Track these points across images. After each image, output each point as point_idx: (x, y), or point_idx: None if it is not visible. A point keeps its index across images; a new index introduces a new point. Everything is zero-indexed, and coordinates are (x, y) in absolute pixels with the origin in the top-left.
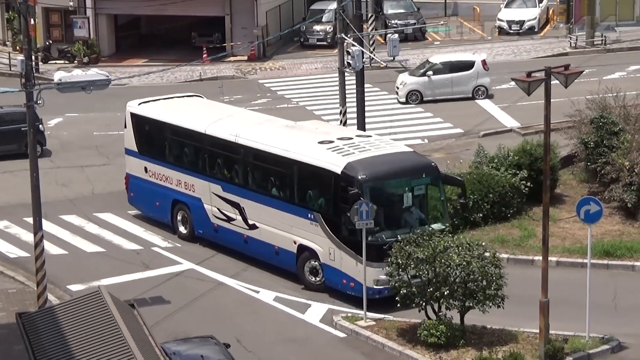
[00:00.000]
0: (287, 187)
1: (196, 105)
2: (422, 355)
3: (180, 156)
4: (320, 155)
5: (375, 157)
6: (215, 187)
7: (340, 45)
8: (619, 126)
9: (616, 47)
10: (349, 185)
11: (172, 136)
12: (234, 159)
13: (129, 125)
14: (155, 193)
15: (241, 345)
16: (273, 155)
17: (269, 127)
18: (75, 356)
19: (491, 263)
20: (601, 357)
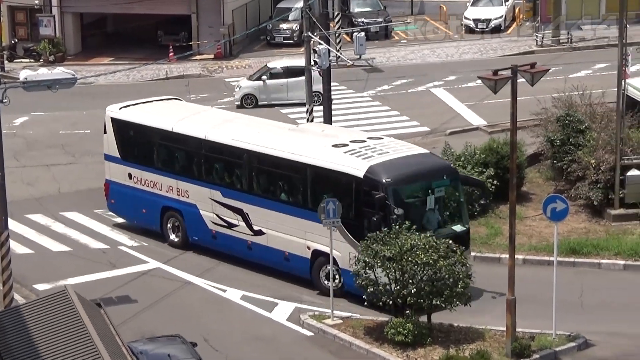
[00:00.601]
0: (300, 192)
1: (181, 109)
2: (389, 354)
3: (171, 162)
4: (338, 159)
5: (396, 160)
6: (213, 192)
7: (307, 43)
8: (585, 124)
9: (582, 46)
10: (372, 189)
11: (162, 141)
12: (236, 163)
13: (110, 131)
14: (142, 200)
15: (208, 344)
16: (283, 160)
17: (273, 131)
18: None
19: (458, 261)
20: (568, 354)
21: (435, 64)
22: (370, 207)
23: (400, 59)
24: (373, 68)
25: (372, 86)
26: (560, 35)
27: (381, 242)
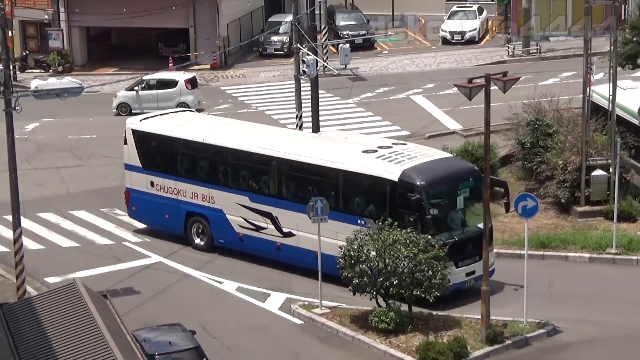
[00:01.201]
0: (332, 196)
1: (199, 120)
2: (373, 340)
3: (196, 170)
4: (370, 164)
5: (426, 164)
6: (241, 198)
7: (296, 54)
8: (553, 128)
9: (550, 56)
10: (407, 191)
11: (188, 151)
12: (264, 170)
13: (131, 142)
14: (165, 206)
15: (206, 332)
16: (314, 166)
17: (299, 139)
18: (52, 343)
19: (437, 255)
20: (538, 340)
21: (415, 73)
22: (406, 208)
23: (382, 69)
24: (357, 77)
25: (357, 94)
26: (530, 46)
27: (367, 237)
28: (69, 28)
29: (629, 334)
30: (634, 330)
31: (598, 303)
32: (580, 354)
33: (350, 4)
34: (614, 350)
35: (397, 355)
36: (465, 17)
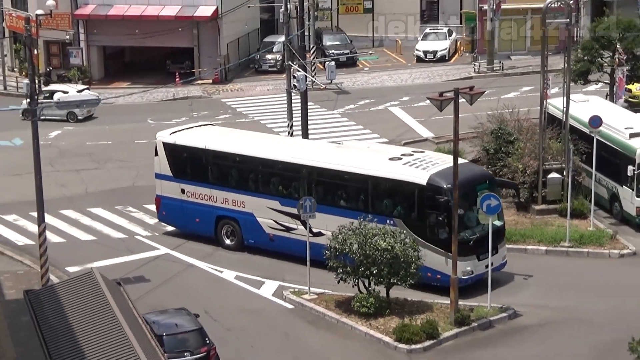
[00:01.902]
0: (360, 199)
1: (227, 133)
2: (355, 323)
3: (227, 178)
4: (398, 170)
5: (448, 169)
6: (271, 202)
7: (288, 70)
8: (514, 136)
9: (511, 72)
10: (435, 193)
11: (220, 161)
12: (294, 177)
13: (161, 153)
14: (195, 211)
15: (208, 315)
16: (344, 173)
17: (325, 149)
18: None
19: (411, 247)
20: (500, 323)
21: (392, 87)
22: (434, 208)
23: (363, 83)
24: (341, 91)
25: (341, 105)
26: (494, 64)
27: (350, 232)
28: (87, 47)
29: (580, 317)
30: (585, 314)
31: (553, 290)
32: (537, 335)
33: (335, 26)
34: (566, 331)
35: (377, 336)
36: (437, 38)
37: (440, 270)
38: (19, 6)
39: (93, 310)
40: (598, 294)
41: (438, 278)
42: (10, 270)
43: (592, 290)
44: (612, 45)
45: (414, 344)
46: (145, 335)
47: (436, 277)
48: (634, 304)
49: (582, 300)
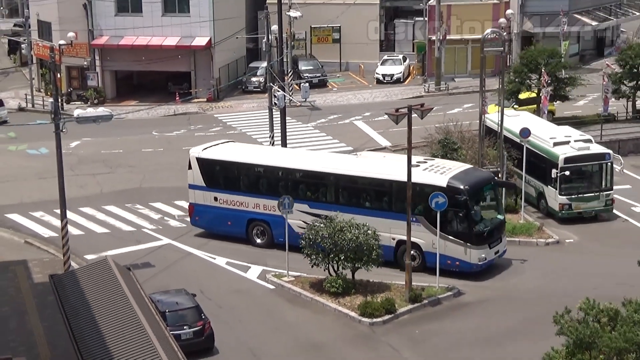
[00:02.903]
0: (385, 200)
1: (252, 147)
2: (326, 300)
3: (259, 186)
4: (420, 175)
5: (461, 173)
6: (301, 206)
7: (270, 90)
8: (457, 145)
9: (455, 92)
10: (455, 194)
11: (252, 172)
12: (321, 184)
13: (195, 167)
14: (227, 215)
15: (204, 295)
16: (369, 179)
17: (348, 159)
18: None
19: (372, 237)
20: (447, 300)
21: (356, 104)
22: (453, 206)
23: (332, 101)
24: (314, 107)
25: (314, 119)
26: (441, 85)
27: (321, 225)
28: (102, 71)
29: (513, 295)
30: (517, 292)
31: (492, 273)
32: (478, 310)
33: (309, 54)
34: (501, 307)
35: (344, 312)
36: (393, 63)
37: (459, 257)
38: (44, 37)
39: (107, 291)
40: (528, 276)
41: (457, 264)
42: (37, 258)
43: (522, 273)
44: (538, 70)
45: (375, 317)
46: (151, 311)
47: (455, 264)
48: (557, 284)
49: (514, 281)
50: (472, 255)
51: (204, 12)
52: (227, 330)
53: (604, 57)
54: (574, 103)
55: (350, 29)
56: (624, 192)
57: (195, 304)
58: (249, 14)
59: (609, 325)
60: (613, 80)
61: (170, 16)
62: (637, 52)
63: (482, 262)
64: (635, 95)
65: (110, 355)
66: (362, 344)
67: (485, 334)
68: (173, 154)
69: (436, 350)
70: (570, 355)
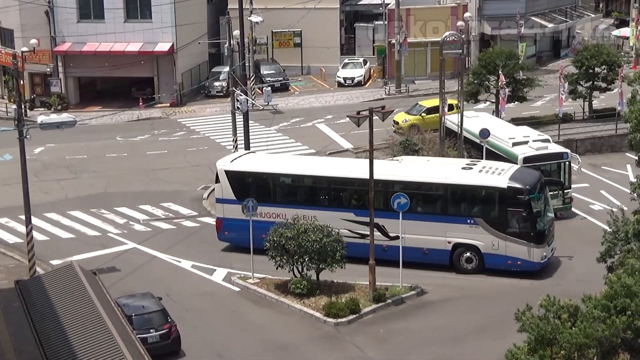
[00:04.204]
0: (440, 204)
1: (283, 157)
2: (291, 301)
3: (297, 196)
4: (476, 177)
5: (517, 173)
6: (346, 214)
7: (232, 95)
8: (418, 146)
9: (415, 94)
10: (516, 194)
11: (290, 182)
12: (368, 191)
13: (224, 180)
14: (261, 228)
15: (170, 298)
16: (422, 183)
17: (391, 165)
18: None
19: (336, 239)
20: (410, 299)
21: (318, 107)
22: (515, 206)
23: (295, 105)
24: (277, 111)
25: (277, 123)
26: (401, 87)
27: (285, 227)
28: (65, 77)
29: (475, 293)
30: (479, 291)
31: (452, 272)
32: (441, 309)
33: (271, 58)
34: (464, 305)
35: (309, 312)
36: (354, 67)
37: (522, 257)
38: (6, 44)
39: (73, 295)
40: (489, 274)
41: (519, 264)
42: (3, 264)
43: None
44: (496, 71)
45: (340, 318)
46: (117, 315)
47: (517, 264)
48: (518, 282)
49: (476, 279)
50: (535, 254)
51: (166, 18)
52: (194, 332)
53: (560, 58)
54: (532, 104)
55: (311, 33)
56: (582, 190)
57: (162, 307)
58: (211, 19)
59: (569, 321)
60: (569, 81)
61: (133, 22)
62: (593, 53)
63: (543, 260)
64: (592, 95)
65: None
66: (327, 344)
67: (448, 332)
68: (137, 158)
69: (400, 349)
70: (532, 352)
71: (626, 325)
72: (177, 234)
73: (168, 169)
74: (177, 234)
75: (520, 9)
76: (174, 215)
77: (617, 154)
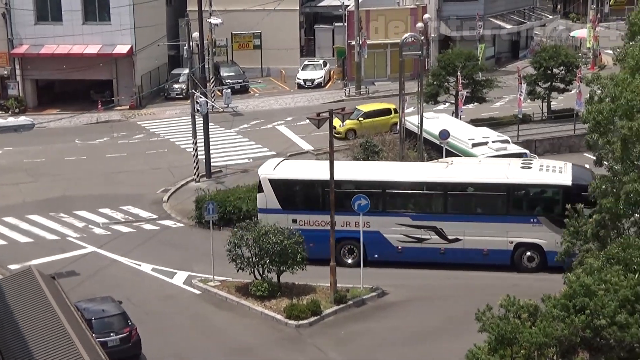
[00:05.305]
0: (500, 205)
1: (327, 164)
2: (252, 304)
3: (347, 202)
4: (538, 176)
5: (575, 170)
6: (401, 219)
7: (192, 97)
8: (379, 147)
9: (376, 95)
10: (582, 191)
11: (339, 189)
12: (429, 194)
13: (268, 189)
14: (309, 237)
15: (130, 302)
16: (482, 184)
17: (440, 167)
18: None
19: (296, 241)
20: (371, 300)
21: (278, 109)
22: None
23: (255, 107)
24: (237, 113)
25: (237, 125)
26: (361, 89)
27: (245, 229)
28: (23, 80)
29: (436, 294)
30: (440, 291)
31: (412, 273)
32: (402, 310)
33: (230, 60)
34: (425, 306)
35: (270, 314)
36: (314, 68)
37: None
38: None
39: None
40: (449, 275)
41: None
42: None
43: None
44: (455, 72)
45: (301, 320)
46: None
47: None
48: (478, 282)
49: (436, 280)
50: None
51: (124, 20)
52: (154, 336)
53: (518, 59)
54: (491, 105)
55: (271, 35)
56: None
57: (122, 310)
58: (170, 21)
59: (529, 320)
60: (528, 82)
61: (91, 24)
62: (551, 54)
63: None
64: (550, 96)
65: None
66: (288, 346)
67: (409, 332)
68: (96, 162)
69: (362, 350)
70: (493, 352)
71: (585, 324)
72: (137, 237)
73: (128, 172)
74: (137, 237)
75: (479, 11)
76: (134, 218)
77: (576, 154)
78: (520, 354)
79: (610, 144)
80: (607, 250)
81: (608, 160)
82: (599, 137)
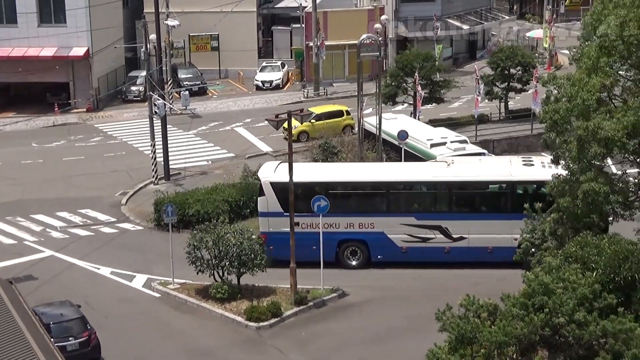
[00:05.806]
0: (504, 202)
1: (328, 166)
2: (212, 306)
3: (350, 204)
4: (544, 173)
5: None
6: (406, 219)
7: (150, 99)
8: (338, 148)
9: (334, 96)
10: None
11: (340, 190)
12: (433, 194)
13: (269, 192)
14: (312, 240)
15: (89, 306)
16: (486, 182)
17: (442, 167)
18: None
19: (256, 242)
20: (332, 301)
21: (237, 111)
22: None
23: (213, 109)
24: (195, 115)
25: (195, 127)
26: (319, 90)
27: (204, 231)
28: None
29: (397, 295)
30: (400, 292)
31: (376, 274)
32: (362, 310)
33: (188, 62)
34: (386, 307)
35: (230, 317)
36: (272, 70)
37: None
38: None
39: None
40: (409, 275)
41: None
42: None
43: (403, 272)
44: (413, 73)
45: (262, 321)
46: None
47: None
48: (438, 282)
49: (396, 280)
50: None
51: (80, 23)
52: (114, 340)
53: (476, 60)
54: (449, 105)
55: (228, 36)
56: None
57: (80, 314)
58: (127, 23)
59: (488, 320)
60: (485, 82)
61: (47, 27)
62: (508, 55)
63: None
64: (507, 96)
65: None
66: (249, 348)
67: (370, 333)
68: (54, 165)
69: (323, 351)
70: (453, 351)
71: (544, 323)
72: (95, 240)
73: (85, 174)
74: (95, 241)
75: (437, 12)
76: (92, 221)
77: (533, 153)
78: (480, 353)
79: (567, 144)
80: (565, 249)
81: (565, 159)
82: (556, 136)
